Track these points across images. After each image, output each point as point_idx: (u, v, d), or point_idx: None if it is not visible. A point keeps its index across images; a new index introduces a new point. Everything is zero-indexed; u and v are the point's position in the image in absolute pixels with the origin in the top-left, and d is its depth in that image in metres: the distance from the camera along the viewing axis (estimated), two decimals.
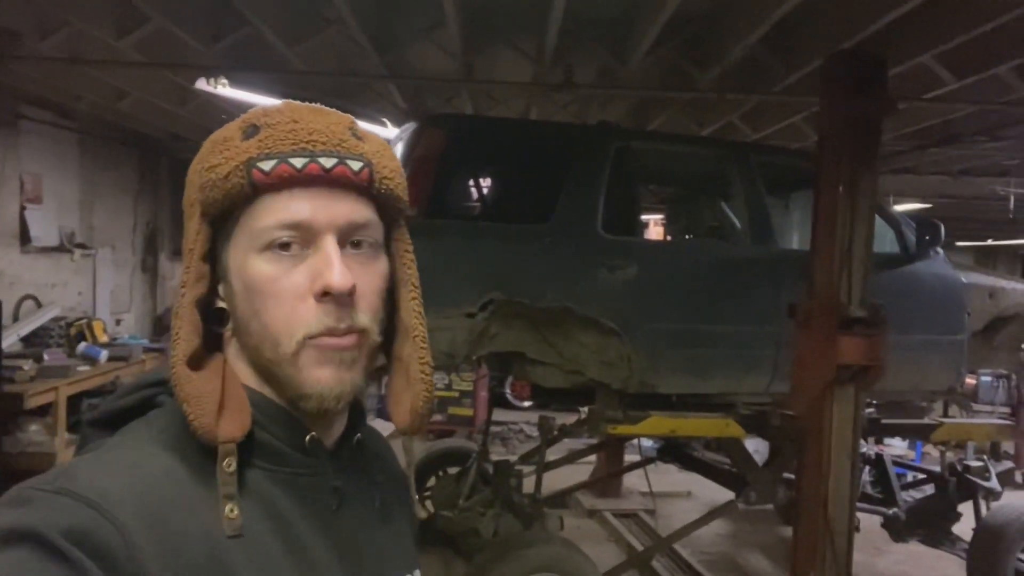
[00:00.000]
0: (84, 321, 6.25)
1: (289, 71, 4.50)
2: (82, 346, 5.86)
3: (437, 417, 7.74)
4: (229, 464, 0.66)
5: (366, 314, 0.71)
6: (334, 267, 0.67)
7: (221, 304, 0.72)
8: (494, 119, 5.44)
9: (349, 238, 0.70)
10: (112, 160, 7.21)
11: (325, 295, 0.67)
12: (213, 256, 0.71)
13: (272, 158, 0.66)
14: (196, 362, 0.69)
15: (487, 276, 3.45)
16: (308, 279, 0.68)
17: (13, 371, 4.79)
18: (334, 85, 5.09)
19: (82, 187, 6.76)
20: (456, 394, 7.74)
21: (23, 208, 5.85)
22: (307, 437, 0.72)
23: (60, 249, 6.39)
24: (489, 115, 5.74)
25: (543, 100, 5.57)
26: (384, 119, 5.22)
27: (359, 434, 0.79)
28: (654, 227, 8.36)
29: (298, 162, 0.67)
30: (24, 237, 5.87)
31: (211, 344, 0.72)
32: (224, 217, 0.70)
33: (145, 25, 4.16)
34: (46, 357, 5.35)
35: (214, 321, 0.73)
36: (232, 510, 0.64)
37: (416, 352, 0.78)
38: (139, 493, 0.61)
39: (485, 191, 4.77)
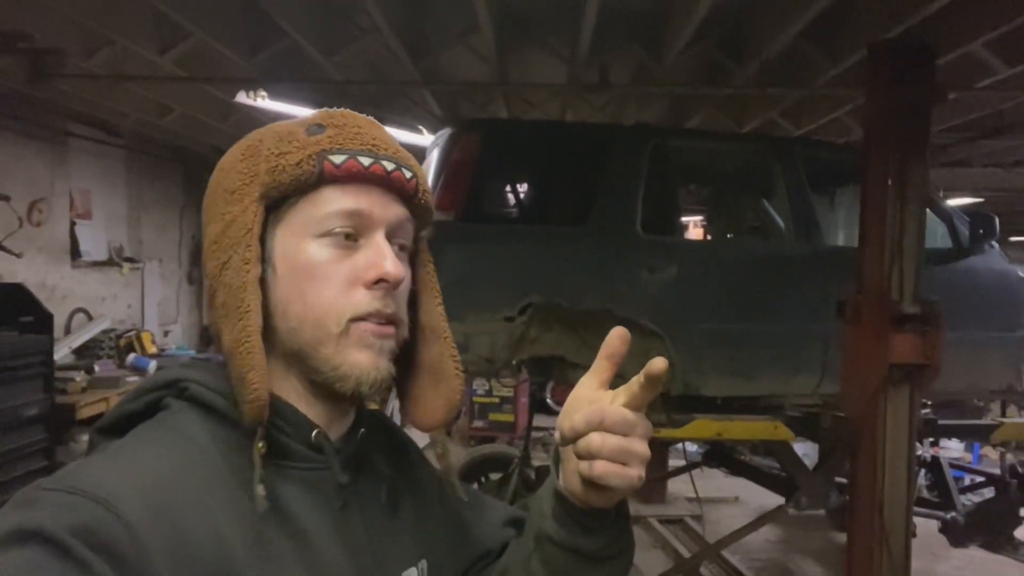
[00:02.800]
0: (133, 333, 6.41)
1: (326, 81, 4.55)
2: (131, 357, 6.01)
3: (478, 423, 7.74)
4: (263, 447, 0.67)
5: (402, 308, 0.76)
6: (388, 258, 0.72)
7: None
8: (529, 122, 5.42)
9: (392, 238, 0.75)
10: (158, 175, 7.38)
11: (378, 282, 0.71)
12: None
13: (343, 153, 0.72)
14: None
15: (525, 279, 3.43)
16: (360, 268, 0.72)
17: (65, 382, 4.91)
18: (370, 93, 5.12)
19: (129, 202, 6.93)
20: (497, 400, 7.72)
21: (73, 224, 6.02)
22: (313, 432, 0.73)
23: (109, 263, 6.56)
24: (524, 118, 5.72)
25: (579, 103, 5.53)
26: (420, 126, 5.24)
27: (363, 429, 0.79)
28: (694, 229, 8.25)
29: (366, 160, 0.72)
30: (74, 252, 6.03)
31: None
32: (275, 204, 0.73)
33: (186, 40, 4.25)
34: (97, 368, 5.48)
35: None
36: (263, 490, 0.65)
37: (448, 351, 0.82)
38: (146, 490, 0.60)
39: (522, 194, 4.75)
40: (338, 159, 0.71)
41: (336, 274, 0.71)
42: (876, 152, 3.18)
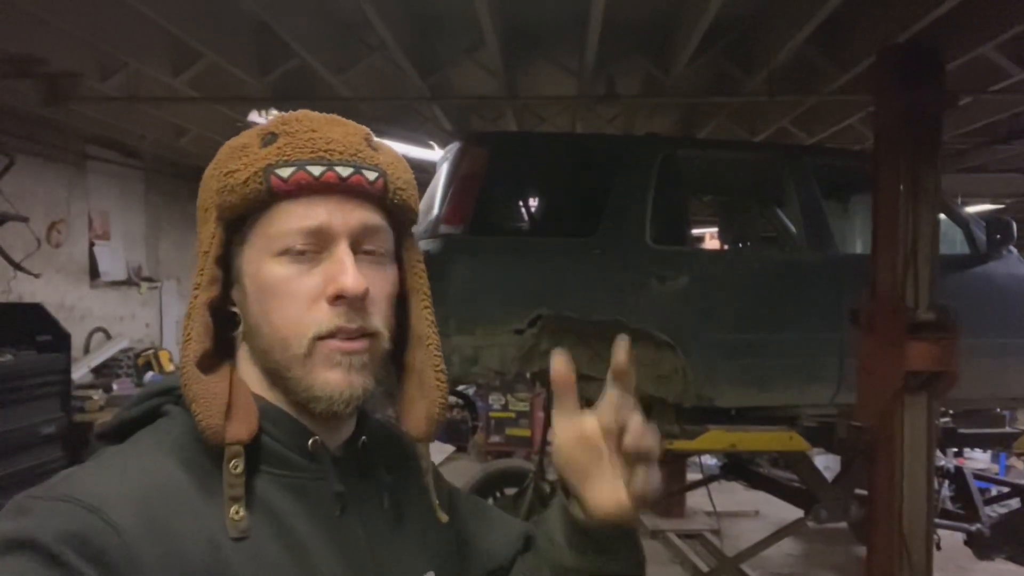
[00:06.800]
0: (151, 352, 6.49)
1: (336, 98, 4.59)
2: (149, 376, 6.07)
3: (495, 438, 7.71)
4: (236, 466, 0.64)
5: (377, 318, 0.71)
6: (348, 271, 0.67)
7: (233, 308, 0.72)
8: (537, 134, 5.43)
9: (362, 245, 0.71)
10: (175, 195, 7.49)
11: (338, 298, 0.67)
12: (226, 260, 0.72)
13: (291, 165, 0.67)
14: (207, 364, 0.69)
15: (534, 291, 3.41)
16: (322, 283, 0.68)
17: (83, 401, 4.98)
18: (380, 110, 5.17)
19: (147, 222, 7.03)
20: (513, 415, 7.70)
21: (92, 244, 6.11)
22: (310, 441, 0.71)
23: (128, 283, 6.65)
24: (533, 131, 5.73)
25: (588, 115, 5.54)
26: (431, 142, 5.27)
27: (364, 437, 0.77)
28: (710, 240, 8.21)
29: (316, 170, 0.68)
30: (93, 272, 6.13)
31: (222, 351, 0.72)
32: (239, 221, 0.70)
33: (199, 62, 4.31)
34: (115, 387, 5.55)
35: (226, 326, 0.73)
36: (237, 511, 0.63)
37: (430, 360, 0.78)
38: (139, 497, 0.60)
39: (531, 206, 4.75)
40: (285, 172, 0.67)
41: (297, 292, 0.68)
42: (887, 158, 3.15)
